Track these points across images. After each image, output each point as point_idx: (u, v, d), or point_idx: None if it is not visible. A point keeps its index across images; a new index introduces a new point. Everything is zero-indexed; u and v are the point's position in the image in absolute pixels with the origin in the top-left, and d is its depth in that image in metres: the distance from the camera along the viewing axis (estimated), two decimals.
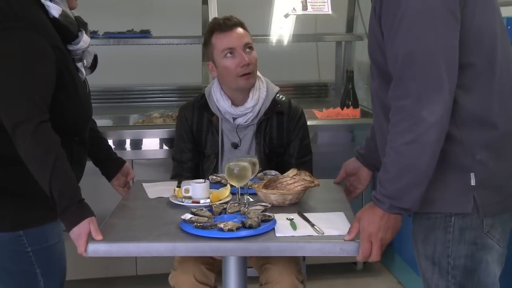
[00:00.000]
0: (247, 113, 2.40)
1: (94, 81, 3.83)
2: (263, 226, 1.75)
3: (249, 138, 2.44)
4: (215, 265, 2.21)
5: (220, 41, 2.34)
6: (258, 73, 2.44)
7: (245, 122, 2.41)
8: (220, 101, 2.40)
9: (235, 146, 2.43)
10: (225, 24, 2.34)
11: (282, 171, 2.20)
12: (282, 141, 2.45)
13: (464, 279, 1.62)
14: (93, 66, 2.04)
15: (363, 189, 2.12)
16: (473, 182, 1.57)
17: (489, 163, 1.58)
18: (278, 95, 2.47)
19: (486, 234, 1.60)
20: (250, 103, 2.39)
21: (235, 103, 2.40)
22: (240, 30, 2.35)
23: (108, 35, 3.35)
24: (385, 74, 1.62)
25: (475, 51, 1.56)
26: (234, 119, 2.42)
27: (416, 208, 1.58)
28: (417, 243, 1.70)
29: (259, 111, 2.41)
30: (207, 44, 2.40)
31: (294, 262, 2.19)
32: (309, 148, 2.51)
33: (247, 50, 2.34)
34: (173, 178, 2.48)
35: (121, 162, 2.29)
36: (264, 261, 2.20)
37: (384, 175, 1.59)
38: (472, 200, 1.58)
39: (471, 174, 1.57)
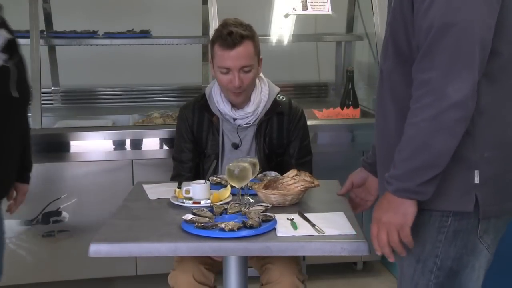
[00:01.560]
0: (248, 116, 2.40)
1: (94, 81, 3.88)
2: (264, 226, 1.76)
3: (249, 138, 2.44)
4: (214, 265, 2.22)
5: (219, 57, 2.28)
6: (260, 74, 2.44)
7: (246, 124, 2.42)
8: (220, 103, 2.40)
9: (236, 146, 2.43)
10: (226, 41, 2.24)
11: (282, 171, 2.20)
12: (282, 141, 2.45)
13: (446, 280, 1.58)
14: (6, 50, 1.93)
15: (374, 200, 1.98)
16: (476, 180, 1.51)
17: (495, 162, 1.52)
18: (278, 95, 2.47)
19: (478, 238, 1.56)
20: (251, 107, 2.38)
21: (235, 107, 2.40)
22: (241, 49, 2.25)
23: (108, 35, 3.35)
24: (402, 55, 1.55)
25: (507, 39, 1.48)
26: (235, 119, 2.42)
27: (427, 194, 1.49)
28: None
29: (260, 113, 2.41)
30: (211, 45, 2.35)
31: (295, 262, 2.19)
32: (309, 148, 2.51)
33: (244, 70, 2.29)
34: (173, 178, 2.48)
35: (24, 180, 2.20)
36: (264, 261, 2.20)
37: (398, 154, 1.51)
38: (474, 198, 1.52)
39: (476, 171, 1.51)
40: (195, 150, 2.48)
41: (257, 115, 2.41)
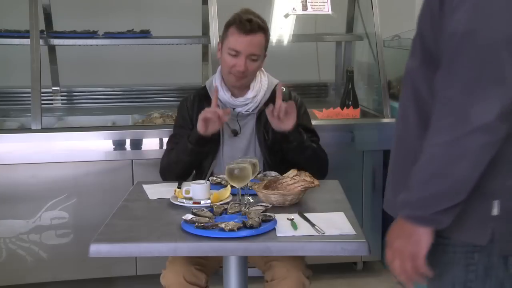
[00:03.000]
0: (248, 103, 2.44)
1: (94, 81, 3.88)
2: (264, 226, 1.76)
3: (250, 126, 2.46)
4: (207, 266, 2.21)
5: (232, 38, 2.34)
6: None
7: (246, 111, 2.45)
8: (220, 91, 2.43)
9: (235, 133, 2.46)
10: (244, 26, 2.32)
11: (285, 168, 2.20)
12: None
13: None
14: None
15: None
16: (495, 212, 1.32)
17: None
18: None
19: None
20: (250, 94, 2.43)
21: (235, 95, 2.44)
22: (255, 37, 2.33)
23: (108, 35, 3.35)
24: (428, 53, 1.37)
25: None
26: (234, 108, 2.44)
27: (444, 223, 1.32)
28: (433, 279, 1.43)
29: (259, 101, 2.45)
30: (225, 28, 2.41)
31: (301, 258, 2.19)
32: (314, 131, 2.55)
33: (252, 58, 2.35)
34: (163, 161, 2.52)
35: None
36: (268, 258, 2.19)
37: (414, 175, 1.33)
38: (490, 232, 1.33)
39: (495, 201, 1.32)
40: None
41: (257, 102, 2.44)
